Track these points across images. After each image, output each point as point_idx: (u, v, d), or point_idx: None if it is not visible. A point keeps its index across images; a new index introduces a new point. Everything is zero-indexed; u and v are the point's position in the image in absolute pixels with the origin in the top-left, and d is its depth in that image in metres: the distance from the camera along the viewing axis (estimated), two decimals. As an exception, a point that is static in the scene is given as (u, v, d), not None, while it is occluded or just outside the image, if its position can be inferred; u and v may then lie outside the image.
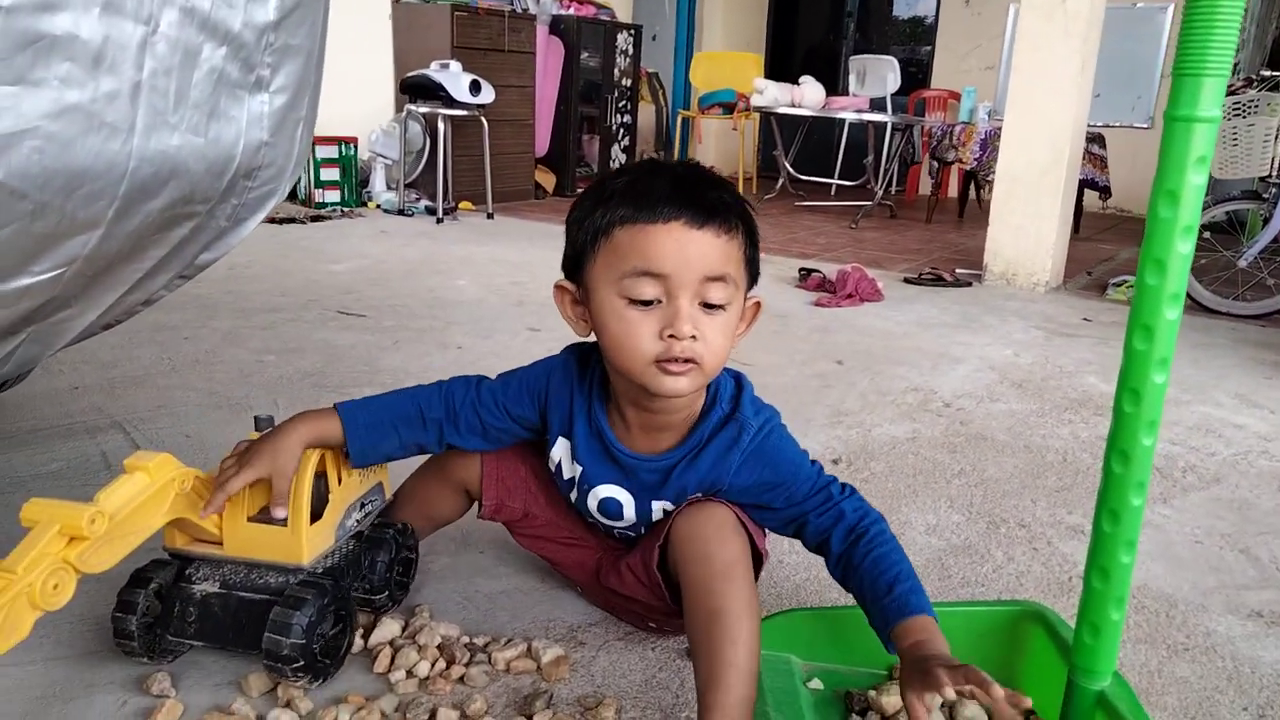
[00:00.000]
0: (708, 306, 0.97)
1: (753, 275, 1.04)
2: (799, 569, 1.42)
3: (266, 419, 1.13)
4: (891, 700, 1.05)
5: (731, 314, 1.00)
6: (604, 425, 1.11)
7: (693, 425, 1.09)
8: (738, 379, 1.12)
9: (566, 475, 1.16)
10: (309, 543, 1.08)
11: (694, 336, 0.96)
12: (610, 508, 1.15)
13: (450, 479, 1.25)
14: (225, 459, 1.09)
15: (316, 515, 1.10)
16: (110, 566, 0.90)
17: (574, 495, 1.17)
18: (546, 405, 1.14)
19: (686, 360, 0.96)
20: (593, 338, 1.05)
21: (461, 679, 1.10)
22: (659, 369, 0.97)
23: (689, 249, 0.94)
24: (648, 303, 0.96)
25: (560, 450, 1.15)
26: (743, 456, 1.07)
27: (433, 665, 1.12)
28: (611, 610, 1.26)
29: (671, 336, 0.95)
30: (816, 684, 1.11)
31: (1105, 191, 5.40)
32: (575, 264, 1.03)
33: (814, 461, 1.12)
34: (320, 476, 1.11)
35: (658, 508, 1.12)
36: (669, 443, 1.10)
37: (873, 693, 1.07)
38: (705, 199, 0.96)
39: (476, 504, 1.26)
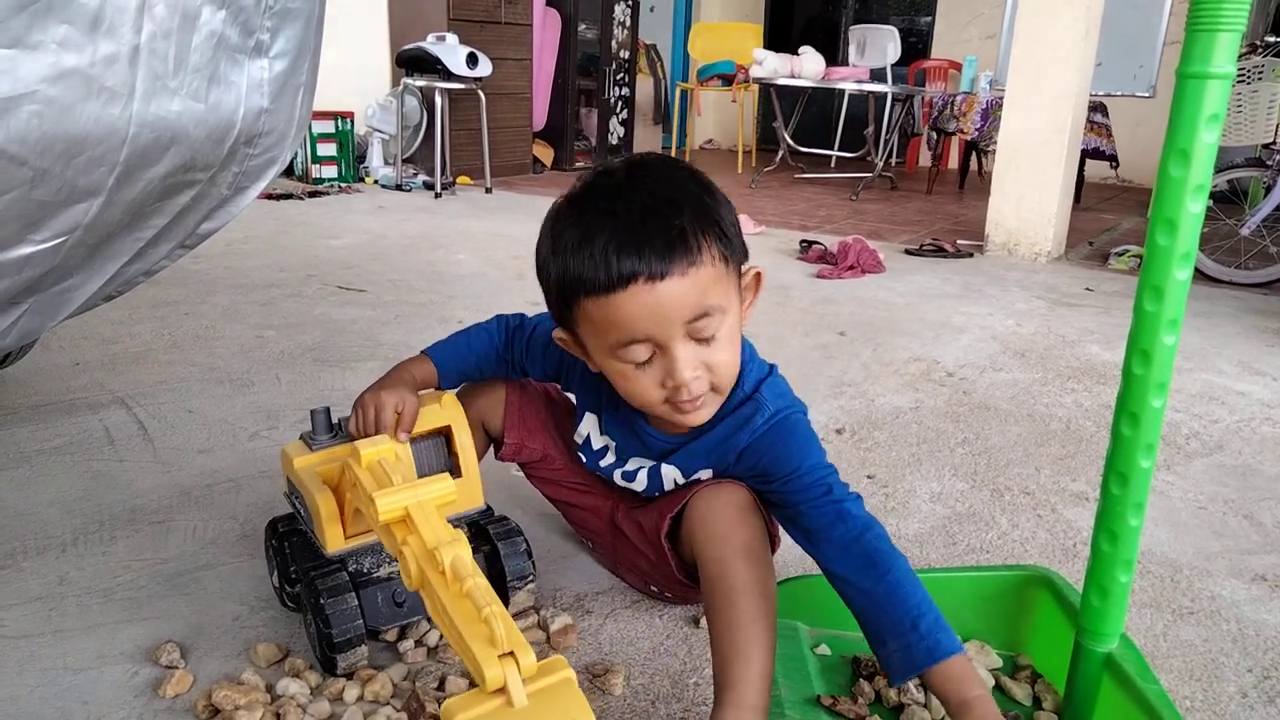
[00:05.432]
0: (700, 340, 0.93)
1: (737, 261, 0.96)
2: (804, 537, 1.42)
3: (323, 410, 1.11)
4: (899, 664, 1.05)
5: (728, 328, 0.95)
6: (636, 413, 1.10)
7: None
8: (771, 369, 1.11)
9: (597, 446, 1.18)
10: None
11: (697, 375, 0.94)
12: (630, 475, 1.17)
13: (471, 415, 1.24)
14: (348, 420, 1.11)
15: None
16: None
17: (604, 462, 1.17)
18: (571, 377, 1.18)
19: (697, 398, 0.96)
20: None
21: (470, 647, 1.10)
22: (674, 408, 0.97)
23: (661, 304, 0.88)
24: (645, 359, 0.93)
25: (589, 424, 1.17)
26: (752, 437, 1.04)
27: (441, 635, 1.12)
28: (617, 565, 1.26)
29: (675, 386, 0.94)
30: (824, 649, 1.11)
31: (1113, 160, 5.36)
32: (560, 318, 1.00)
33: (828, 465, 1.04)
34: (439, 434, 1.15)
35: (668, 473, 1.12)
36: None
37: (880, 657, 1.07)
38: (655, 239, 0.87)
39: (494, 462, 1.28)
